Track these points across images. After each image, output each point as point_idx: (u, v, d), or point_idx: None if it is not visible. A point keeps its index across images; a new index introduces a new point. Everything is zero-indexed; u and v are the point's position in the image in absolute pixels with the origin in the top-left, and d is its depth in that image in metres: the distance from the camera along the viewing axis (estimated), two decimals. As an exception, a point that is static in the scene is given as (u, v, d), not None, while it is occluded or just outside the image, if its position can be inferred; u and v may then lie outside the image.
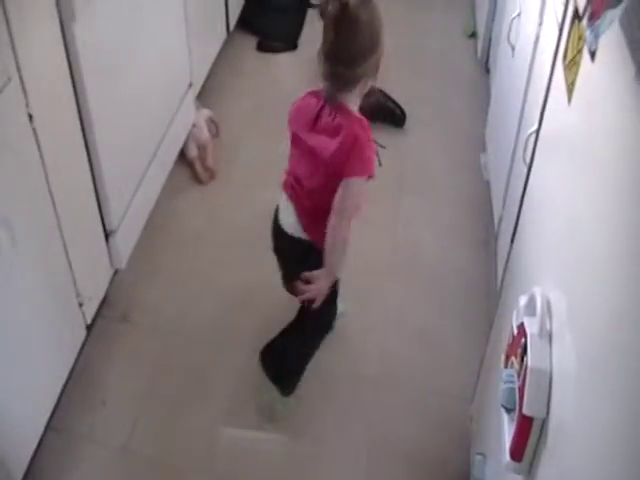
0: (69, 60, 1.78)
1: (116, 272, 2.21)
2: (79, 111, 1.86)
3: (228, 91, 3.10)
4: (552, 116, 1.39)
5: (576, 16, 1.19)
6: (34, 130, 1.65)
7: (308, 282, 1.79)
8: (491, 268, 2.42)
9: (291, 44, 3.41)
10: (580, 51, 1.15)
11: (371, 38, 1.67)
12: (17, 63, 1.55)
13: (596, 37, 0.83)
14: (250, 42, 3.41)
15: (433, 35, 3.57)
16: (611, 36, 0.88)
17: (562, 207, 1.26)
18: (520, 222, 1.67)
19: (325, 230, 1.76)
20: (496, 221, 2.46)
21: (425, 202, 2.71)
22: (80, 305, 1.96)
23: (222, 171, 2.75)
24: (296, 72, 3.28)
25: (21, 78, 1.58)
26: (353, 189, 1.74)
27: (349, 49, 1.67)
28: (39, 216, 1.74)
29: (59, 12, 1.71)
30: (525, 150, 1.92)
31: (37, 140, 1.67)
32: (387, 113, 2.99)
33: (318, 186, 1.80)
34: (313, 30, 3.50)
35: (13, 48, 1.54)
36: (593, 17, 0.84)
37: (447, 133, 3.02)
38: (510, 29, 2.39)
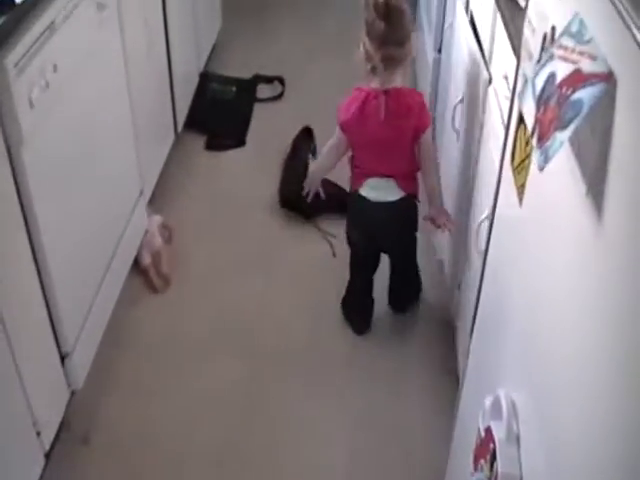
0: (17, 185, 1.75)
1: (73, 392, 2.14)
2: (29, 235, 1.83)
3: (179, 193, 3.08)
4: (504, 214, 1.39)
5: (522, 120, 1.19)
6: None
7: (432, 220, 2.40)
8: (450, 349, 2.41)
9: (239, 140, 3.42)
10: (528, 156, 1.15)
11: (409, 20, 2.17)
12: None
13: (546, 160, 0.82)
14: (198, 141, 3.40)
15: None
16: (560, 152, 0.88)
17: (520, 303, 1.25)
18: (479, 315, 1.66)
19: (413, 176, 2.35)
20: (453, 304, 2.47)
21: (381, 291, 2.68)
22: (38, 434, 1.88)
23: (177, 277, 2.71)
24: (246, 168, 3.28)
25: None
26: (429, 136, 2.30)
27: (398, 30, 2.11)
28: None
29: (5, 137, 1.68)
30: (477, 237, 1.93)
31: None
32: (338, 203, 2.99)
33: (405, 159, 2.29)
34: (260, 125, 3.53)
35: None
36: (542, 138, 0.84)
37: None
38: (454, 114, 2.41)
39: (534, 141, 0.87)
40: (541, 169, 0.84)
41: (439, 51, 3.13)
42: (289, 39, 4.19)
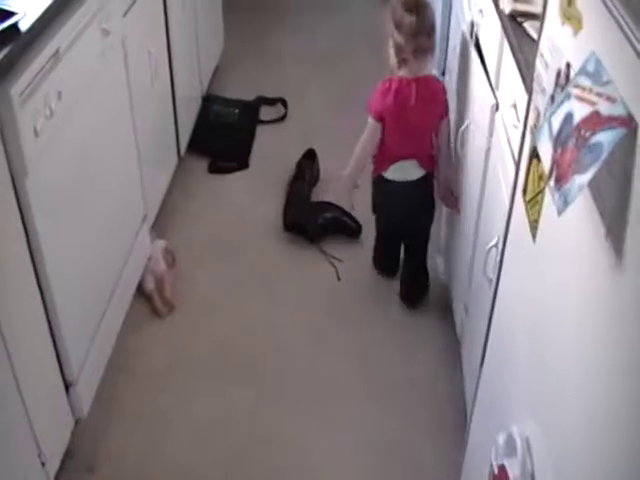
0: (22, 215, 1.74)
1: (78, 421, 2.12)
2: (34, 265, 1.81)
3: (182, 217, 3.07)
4: (517, 248, 1.38)
5: (534, 154, 1.18)
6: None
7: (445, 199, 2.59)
8: (457, 374, 2.40)
9: (242, 163, 3.40)
10: (542, 191, 1.14)
11: (433, 13, 2.41)
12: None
13: (566, 204, 0.81)
14: (201, 164, 3.39)
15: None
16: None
17: (532, 338, 1.24)
18: (488, 349, 1.64)
19: (432, 156, 2.55)
20: (458, 326, 2.45)
21: (386, 315, 2.69)
22: (42, 464, 1.86)
23: (181, 302, 2.69)
24: (249, 191, 3.27)
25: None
26: (449, 120, 2.53)
27: (427, 22, 2.35)
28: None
29: (10, 168, 1.67)
30: (486, 263, 1.91)
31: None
32: (342, 226, 2.99)
33: (428, 140, 2.53)
34: (263, 147, 3.52)
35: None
36: (560, 180, 0.83)
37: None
38: (460, 139, 2.40)
39: (552, 183, 0.86)
40: (560, 213, 0.83)
41: (443, 74, 3.13)
42: (291, 60, 4.19)
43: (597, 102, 0.83)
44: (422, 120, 2.44)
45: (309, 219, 2.96)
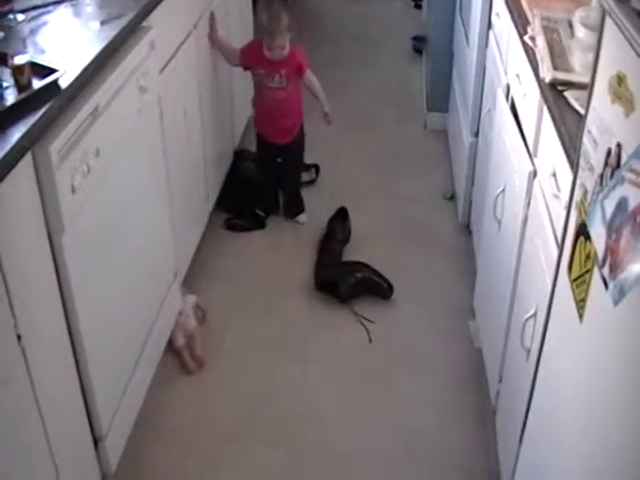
0: (57, 271, 1.74)
1: (104, 477, 2.09)
2: (67, 321, 1.81)
3: (212, 273, 3.07)
4: (561, 327, 1.35)
5: (580, 232, 1.16)
6: (22, 349, 1.59)
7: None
8: (490, 444, 2.34)
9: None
10: (589, 271, 1.11)
11: None
12: (5, 282, 1.50)
13: (622, 294, 0.79)
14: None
15: (413, 200, 3.60)
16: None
17: (578, 418, 1.20)
18: (529, 424, 1.60)
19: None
20: (492, 395, 2.39)
21: (418, 379, 2.65)
22: (67, 525, 1.84)
23: (210, 359, 2.66)
24: (280, 248, 3.27)
25: (9, 297, 1.53)
26: None
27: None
28: (26, 435, 1.66)
29: (47, 226, 1.68)
30: (524, 334, 1.88)
31: (25, 358, 1.60)
32: (374, 287, 2.97)
33: None
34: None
35: (0, 267, 1.49)
36: (615, 269, 0.81)
37: (434, 302, 2.99)
38: (495, 205, 2.38)
39: (606, 271, 0.84)
40: (616, 303, 0.81)
41: (476, 135, 3.13)
42: (322, 121, 4.19)
43: (654, 188, 0.81)
44: None
45: (341, 279, 2.94)
